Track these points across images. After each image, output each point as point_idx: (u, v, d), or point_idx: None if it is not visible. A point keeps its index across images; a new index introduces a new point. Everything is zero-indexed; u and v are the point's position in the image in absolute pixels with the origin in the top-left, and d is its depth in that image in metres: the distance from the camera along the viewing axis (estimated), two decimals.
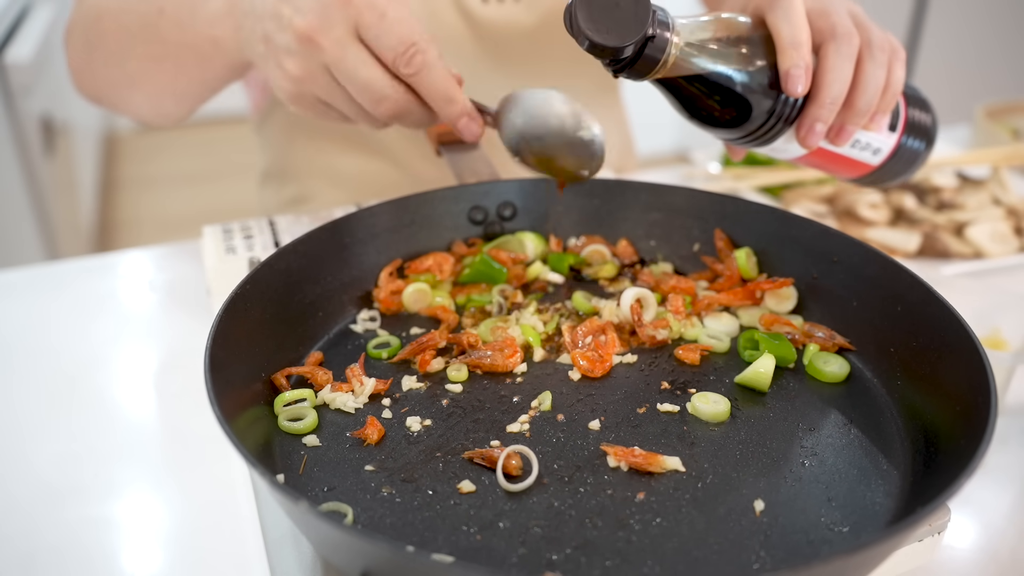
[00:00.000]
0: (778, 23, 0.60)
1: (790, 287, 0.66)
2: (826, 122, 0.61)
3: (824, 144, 0.65)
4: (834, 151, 0.67)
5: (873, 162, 0.69)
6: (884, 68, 0.62)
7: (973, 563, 0.55)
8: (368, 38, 0.63)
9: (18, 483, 0.60)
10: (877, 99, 0.63)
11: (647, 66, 0.58)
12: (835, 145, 0.65)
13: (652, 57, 0.58)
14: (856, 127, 0.63)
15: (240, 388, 0.53)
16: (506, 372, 0.60)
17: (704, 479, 0.50)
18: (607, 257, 0.72)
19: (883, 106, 0.64)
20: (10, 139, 1.70)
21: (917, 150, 0.70)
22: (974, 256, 0.89)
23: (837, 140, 0.64)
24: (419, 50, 0.63)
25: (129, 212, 2.89)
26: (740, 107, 0.61)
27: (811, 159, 0.68)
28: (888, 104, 0.64)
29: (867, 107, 0.62)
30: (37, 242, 1.83)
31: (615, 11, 0.56)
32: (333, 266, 0.65)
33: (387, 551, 0.37)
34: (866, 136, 0.66)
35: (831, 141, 0.64)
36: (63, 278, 0.85)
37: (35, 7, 1.99)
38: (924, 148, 0.70)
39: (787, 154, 0.67)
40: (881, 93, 0.63)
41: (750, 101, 0.61)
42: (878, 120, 0.65)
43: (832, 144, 0.65)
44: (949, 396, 0.51)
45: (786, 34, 0.59)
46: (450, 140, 0.77)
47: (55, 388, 0.70)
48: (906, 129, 0.68)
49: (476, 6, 0.92)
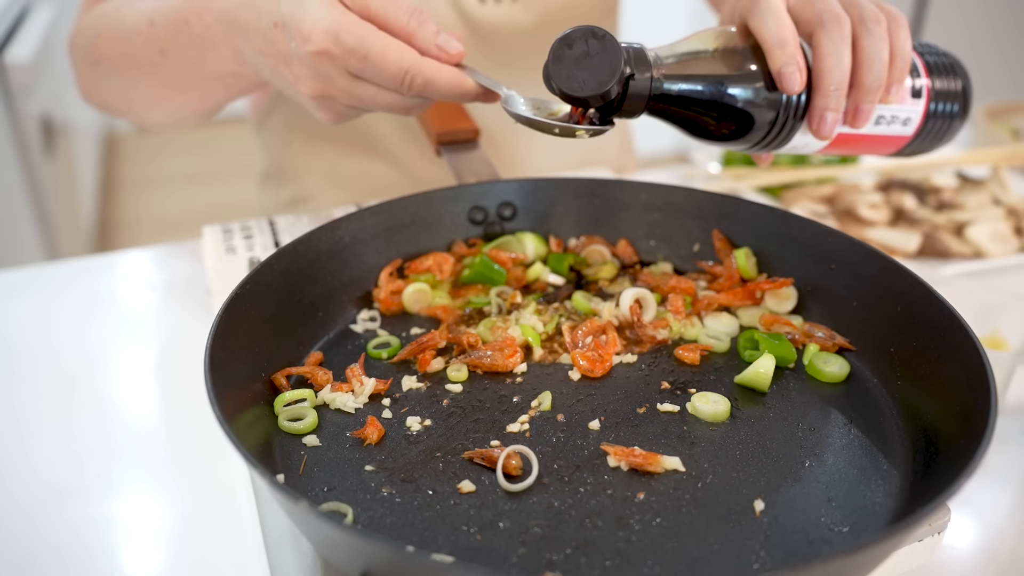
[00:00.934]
0: (760, 27, 0.59)
1: (790, 287, 0.66)
2: (835, 110, 0.60)
3: (845, 129, 0.64)
4: (859, 133, 0.65)
5: (907, 133, 0.67)
6: (884, 40, 0.61)
7: (973, 563, 0.55)
8: (365, 78, 0.64)
9: (18, 483, 0.60)
10: (885, 72, 0.61)
11: (636, 104, 0.59)
12: (856, 127, 0.63)
13: (638, 94, 0.58)
14: (872, 105, 0.61)
15: (240, 388, 0.53)
16: (506, 372, 0.60)
17: (704, 479, 0.50)
18: (607, 257, 0.72)
19: (895, 77, 0.62)
20: (10, 139, 1.70)
21: (950, 111, 0.67)
22: (974, 256, 0.89)
23: (856, 122, 0.62)
24: (414, 75, 0.63)
25: (129, 212, 2.89)
26: (746, 117, 0.61)
27: (838, 147, 0.66)
28: (900, 73, 0.62)
29: (877, 83, 0.61)
30: (37, 242, 1.83)
31: (587, 60, 0.56)
32: (333, 266, 0.65)
33: (387, 551, 0.37)
34: (889, 110, 0.64)
35: (850, 124, 0.62)
36: (63, 278, 0.85)
37: (35, 7, 1.99)
38: (958, 107, 0.68)
39: (811, 148, 0.65)
40: (888, 65, 0.61)
41: (753, 109, 0.60)
42: (895, 91, 0.63)
43: (853, 127, 0.63)
44: (949, 396, 0.51)
45: (769, 35, 0.59)
46: (450, 140, 0.77)
47: (55, 388, 0.70)
48: (932, 93, 0.66)
49: (473, 6, 0.92)
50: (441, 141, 0.77)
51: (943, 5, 2.53)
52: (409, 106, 0.68)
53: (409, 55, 0.63)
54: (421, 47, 0.65)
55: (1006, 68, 2.54)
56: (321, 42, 0.62)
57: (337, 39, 0.61)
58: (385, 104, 0.67)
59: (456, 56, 0.66)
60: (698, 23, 2.90)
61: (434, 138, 0.77)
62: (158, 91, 0.82)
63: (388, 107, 0.67)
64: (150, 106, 0.85)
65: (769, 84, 0.60)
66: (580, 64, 0.56)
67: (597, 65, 0.56)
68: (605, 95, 0.57)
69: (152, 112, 0.86)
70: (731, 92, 0.60)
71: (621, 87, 0.58)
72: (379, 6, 0.63)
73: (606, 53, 0.56)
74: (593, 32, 0.56)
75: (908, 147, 0.69)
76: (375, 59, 0.62)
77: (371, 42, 0.62)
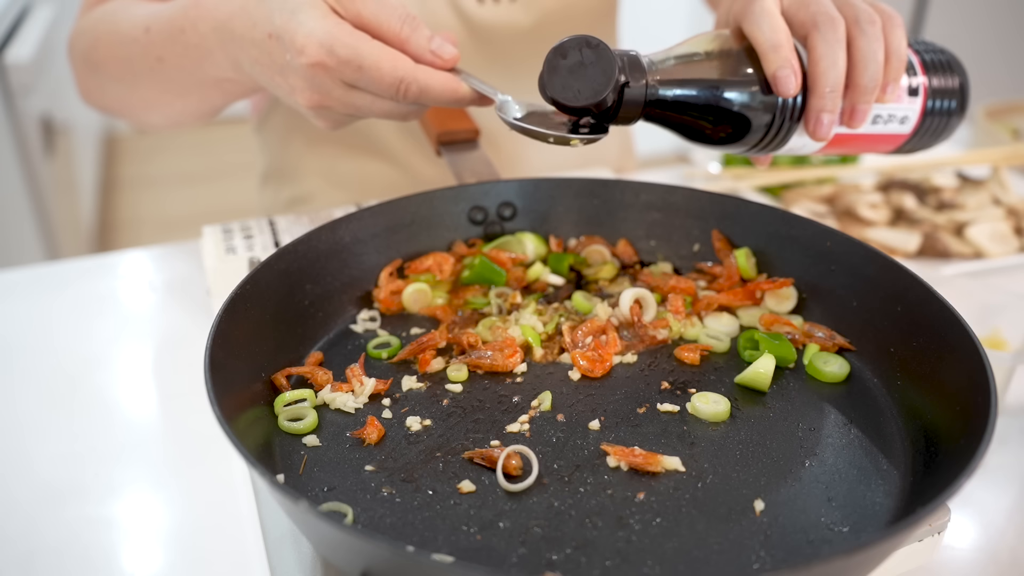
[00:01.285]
0: (754, 30, 0.59)
1: (790, 287, 0.66)
2: (832, 111, 0.60)
3: (842, 130, 0.64)
4: (857, 133, 0.65)
5: (904, 131, 0.67)
6: (879, 40, 0.61)
7: (973, 563, 0.55)
8: (361, 87, 0.65)
9: (18, 483, 0.60)
10: (880, 73, 0.61)
11: (632, 111, 0.59)
12: (853, 128, 0.63)
13: (633, 101, 0.58)
14: (868, 105, 0.62)
15: (240, 388, 0.53)
16: (506, 372, 0.60)
17: (704, 479, 0.50)
18: (607, 257, 0.72)
19: (890, 76, 0.62)
20: (10, 139, 1.70)
21: (948, 108, 0.67)
22: (974, 256, 0.89)
23: (853, 122, 0.62)
24: (408, 83, 0.64)
25: (129, 212, 2.89)
26: (742, 121, 0.61)
27: (836, 146, 0.66)
28: (895, 73, 0.62)
29: (872, 83, 0.61)
30: (37, 242, 1.83)
31: (581, 70, 0.57)
32: (333, 266, 0.65)
33: (387, 551, 0.37)
34: (886, 109, 0.64)
35: (847, 125, 0.63)
36: (63, 278, 0.85)
37: (35, 7, 1.99)
38: (955, 103, 0.68)
39: (808, 149, 0.65)
40: (883, 65, 0.61)
41: (749, 113, 0.60)
42: (891, 91, 0.63)
43: (850, 127, 0.63)
44: (949, 396, 0.51)
45: (763, 39, 0.59)
46: (450, 140, 0.77)
47: (55, 388, 0.70)
48: (929, 91, 0.66)
49: (472, 7, 0.92)
50: (441, 141, 0.77)
51: (943, 5, 2.53)
52: (406, 112, 0.68)
53: (403, 63, 0.63)
54: (415, 54, 0.65)
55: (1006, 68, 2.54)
56: (315, 54, 0.62)
57: (331, 51, 0.61)
58: (382, 112, 0.67)
59: (451, 61, 0.66)
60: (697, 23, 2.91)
61: (434, 138, 0.77)
62: (156, 95, 0.82)
63: (385, 114, 0.67)
64: (149, 109, 0.85)
65: (764, 87, 0.60)
66: (575, 74, 0.57)
67: (591, 74, 0.56)
68: (600, 104, 0.57)
69: (151, 115, 0.86)
70: (727, 96, 0.60)
71: (616, 95, 0.58)
72: (371, 14, 0.63)
73: (600, 62, 0.56)
74: (587, 41, 0.56)
75: (906, 144, 0.69)
76: (369, 69, 0.62)
77: (365, 52, 0.62)
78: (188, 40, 0.72)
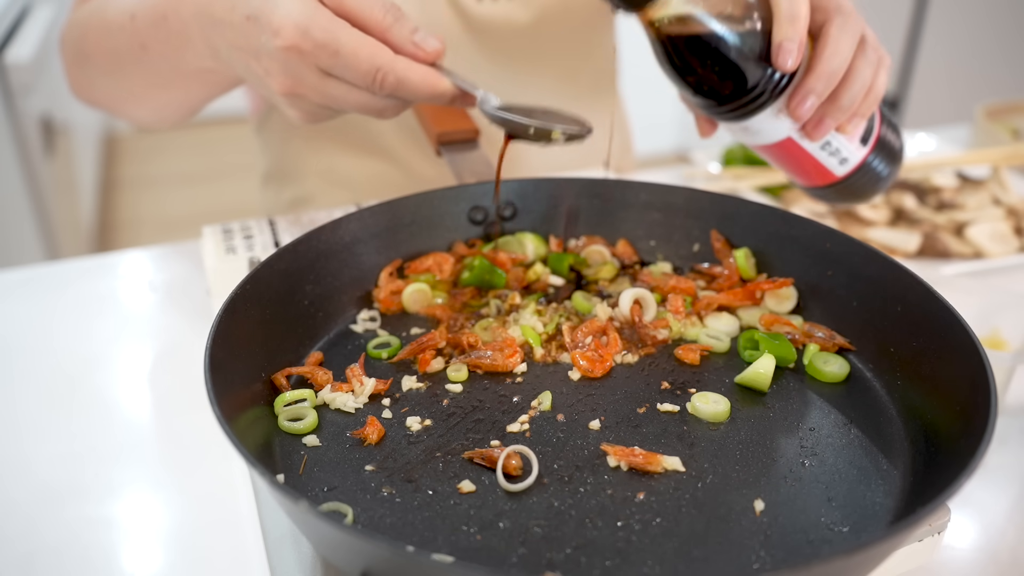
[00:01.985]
0: None
1: (790, 287, 0.66)
2: (819, 96, 0.60)
3: (797, 137, 0.65)
4: (804, 147, 0.66)
5: (838, 172, 0.68)
6: (873, 67, 0.62)
7: (973, 563, 0.55)
8: (336, 75, 0.63)
9: (18, 483, 0.60)
10: (860, 98, 0.62)
11: None
12: (810, 139, 0.64)
13: None
14: (835, 122, 0.63)
15: (240, 388, 0.53)
16: (506, 372, 0.60)
17: (704, 479, 0.50)
18: (607, 257, 0.72)
19: (863, 109, 0.64)
20: (10, 139, 1.70)
21: (881, 172, 0.69)
22: (974, 256, 0.89)
23: (814, 133, 0.63)
24: (385, 72, 0.62)
25: (129, 212, 2.89)
26: (725, 72, 0.60)
27: (779, 152, 0.67)
28: (868, 108, 0.64)
29: (849, 103, 0.62)
30: (37, 242, 1.83)
31: None
32: (333, 266, 0.65)
33: (387, 551, 0.37)
34: (838, 140, 0.66)
35: (807, 134, 0.64)
36: (63, 278, 0.85)
37: (35, 7, 1.99)
38: (888, 172, 0.69)
39: (760, 137, 0.65)
40: (864, 94, 0.62)
41: (738, 66, 0.60)
42: (855, 124, 0.64)
43: (807, 137, 0.64)
44: (949, 396, 0.51)
45: (785, 6, 0.58)
46: (450, 140, 0.77)
47: (55, 388, 0.70)
48: (877, 145, 0.67)
49: (470, 4, 0.92)
50: (441, 141, 0.77)
51: (943, 5, 2.53)
52: (382, 107, 0.66)
53: (382, 52, 0.62)
54: (396, 44, 0.63)
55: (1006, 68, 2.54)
56: (291, 37, 0.60)
57: (307, 34, 0.60)
58: (357, 103, 0.65)
59: (433, 54, 0.64)
60: None
61: (434, 138, 0.77)
62: (141, 87, 0.81)
63: (360, 107, 0.65)
64: (134, 102, 0.84)
65: (764, 52, 0.59)
66: None
67: None
68: None
69: (138, 109, 0.86)
70: (729, 42, 0.59)
71: None
72: (353, 1, 0.62)
73: None
74: None
75: (828, 188, 0.70)
76: (346, 55, 0.61)
77: (342, 38, 0.60)
78: (171, 27, 0.71)
